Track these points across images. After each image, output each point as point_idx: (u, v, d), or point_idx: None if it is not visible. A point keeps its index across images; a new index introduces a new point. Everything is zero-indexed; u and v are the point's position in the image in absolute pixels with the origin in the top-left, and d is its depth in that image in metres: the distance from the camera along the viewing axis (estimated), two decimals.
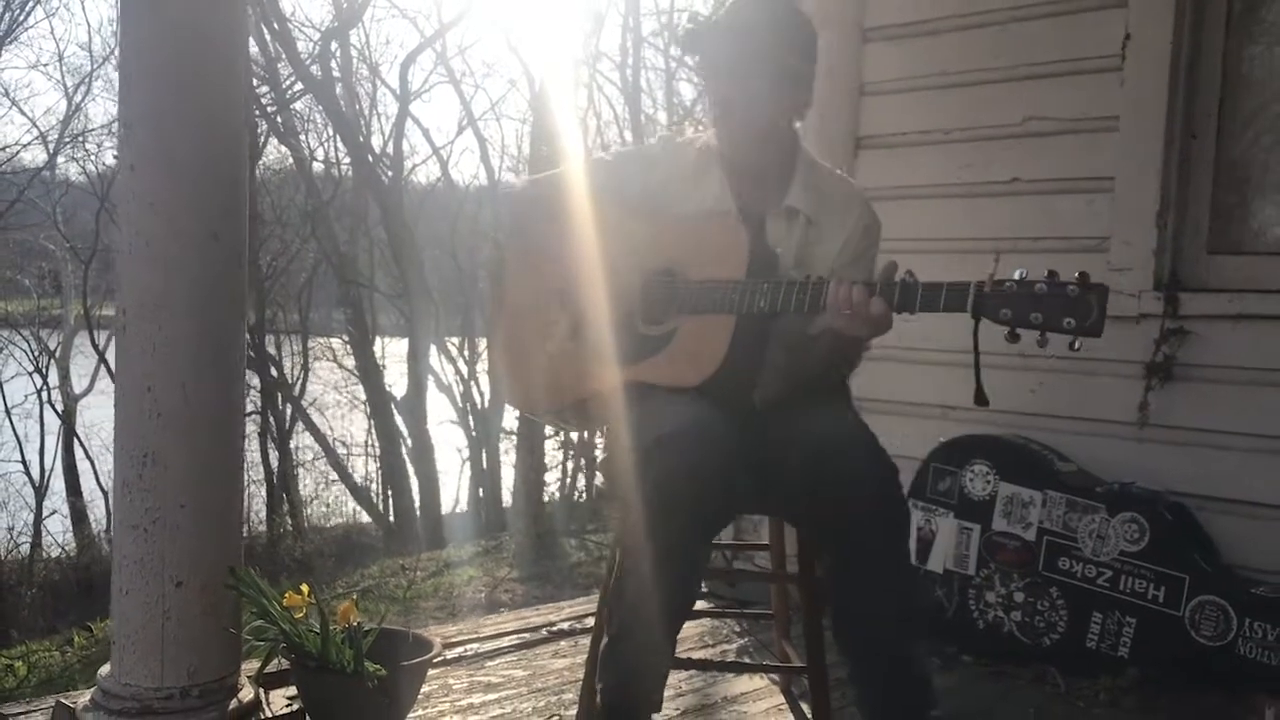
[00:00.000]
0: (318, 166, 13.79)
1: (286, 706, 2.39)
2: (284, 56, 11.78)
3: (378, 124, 13.76)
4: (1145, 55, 2.97)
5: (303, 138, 13.55)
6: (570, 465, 12.40)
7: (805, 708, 2.64)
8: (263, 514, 13.54)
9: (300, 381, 14.52)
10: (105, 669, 2.31)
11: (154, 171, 2.19)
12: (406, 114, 13.17)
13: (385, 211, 12.27)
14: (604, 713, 2.07)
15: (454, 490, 14.63)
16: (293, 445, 14.21)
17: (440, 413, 14.09)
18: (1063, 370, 3.07)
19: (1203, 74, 2.99)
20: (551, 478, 11.54)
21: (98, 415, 14.83)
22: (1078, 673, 2.84)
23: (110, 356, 15.06)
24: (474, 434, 13.47)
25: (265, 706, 2.38)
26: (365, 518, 14.32)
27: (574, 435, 12.59)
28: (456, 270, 14.26)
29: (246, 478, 13.53)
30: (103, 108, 22.23)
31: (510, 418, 12.37)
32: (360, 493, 14.36)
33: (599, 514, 10.83)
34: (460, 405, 14.00)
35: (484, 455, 13.50)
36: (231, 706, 2.29)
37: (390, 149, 13.33)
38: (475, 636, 3.05)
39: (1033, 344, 1.77)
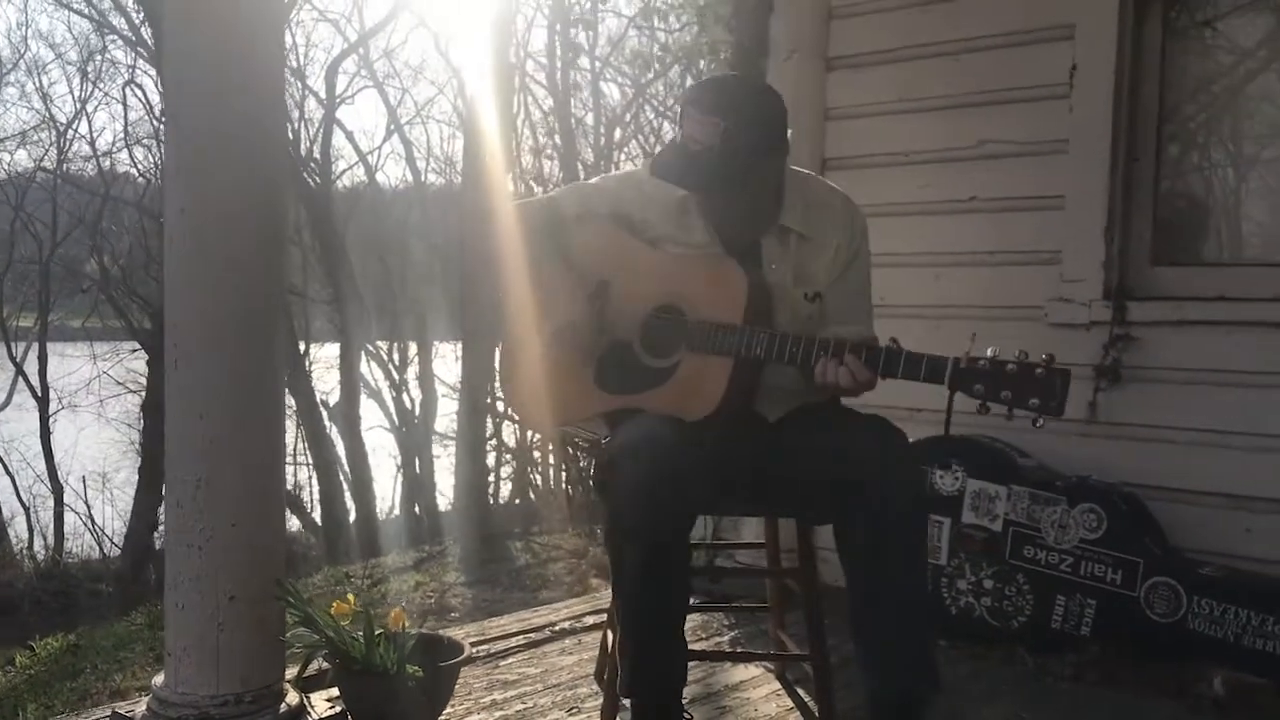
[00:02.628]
0: None
1: (330, 708, 2.53)
2: None
3: (305, 129, 13.69)
4: (1091, 84, 3.25)
5: None
6: (513, 468, 12.49)
7: (801, 691, 2.86)
8: None
9: None
10: (159, 679, 2.44)
11: (203, 212, 2.32)
12: (333, 119, 13.15)
13: (314, 217, 12.24)
14: (632, 707, 2.25)
15: (386, 497, 14.61)
16: None
17: (369, 419, 14.08)
18: None
19: (1142, 101, 3.28)
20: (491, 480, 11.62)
21: (16, 429, 14.53)
22: (1044, 651, 3.09)
23: (30, 368, 14.78)
24: (408, 440, 13.48)
25: (310, 709, 2.52)
26: (295, 525, 14.25)
27: (513, 439, 12.72)
28: (385, 274, 14.23)
29: None
30: (15, 115, 21.69)
31: (446, 422, 12.46)
32: (293, 501, 14.28)
33: (543, 516, 10.95)
34: (392, 411, 13.99)
35: (417, 461, 13.51)
36: (281, 710, 2.43)
37: (318, 154, 13.29)
38: (484, 638, 3.21)
39: (1001, 348, 1.98)
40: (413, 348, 13.88)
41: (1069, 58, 3.28)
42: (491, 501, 12.17)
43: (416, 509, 13.14)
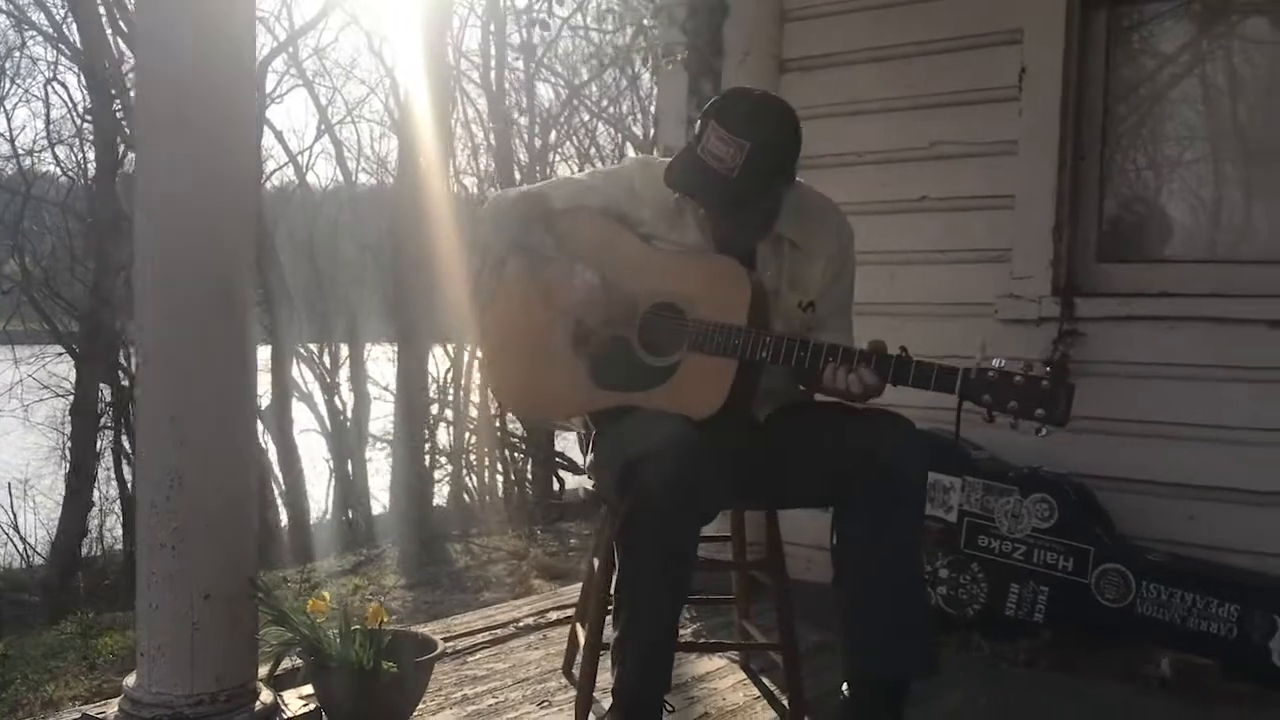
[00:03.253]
0: None
1: (304, 706, 2.53)
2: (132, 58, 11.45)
3: None
4: (1039, 87, 3.35)
5: None
6: (448, 471, 12.42)
7: (767, 681, 2.92)
8: (118, 532, 13.10)
9: None
10: (131, 679, 2.42)
11: (173, 213, 2.31)
12: (263, 119, 12.95)
13: None
14: (624, 696, 2.26)
15: (318, 501, 14.43)
16: None
17: (300, 422, 13.89)
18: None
19: (1088, 103, 3.39)
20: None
21: None
22: (999, 638, 3.19)
23: None
24: (340, 443, 13.33)
25: (283, 707, 2.52)
26: None
27: (449, 441, 12.67)
28: (315, 275, 14.06)
29: (98, 495, 13.13)
30: None
31: (381, 424, 12.35)
32: None
33: (480, 518, 10.92)
34: (324, 414, 13.83)
35: (350, 465, 13.37)
36: (256, 709, 2.42)
37: None
38: (449, 635, 3.22)
39: (949, 347, 2.04)
40: (344, 349, 13.72)
41: (1018, 61, 3.38)
42: (444, 503, 12.12)
43: (350, 513, 13.00)
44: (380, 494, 13.33)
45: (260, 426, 12.88)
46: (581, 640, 2.75)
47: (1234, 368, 3.11)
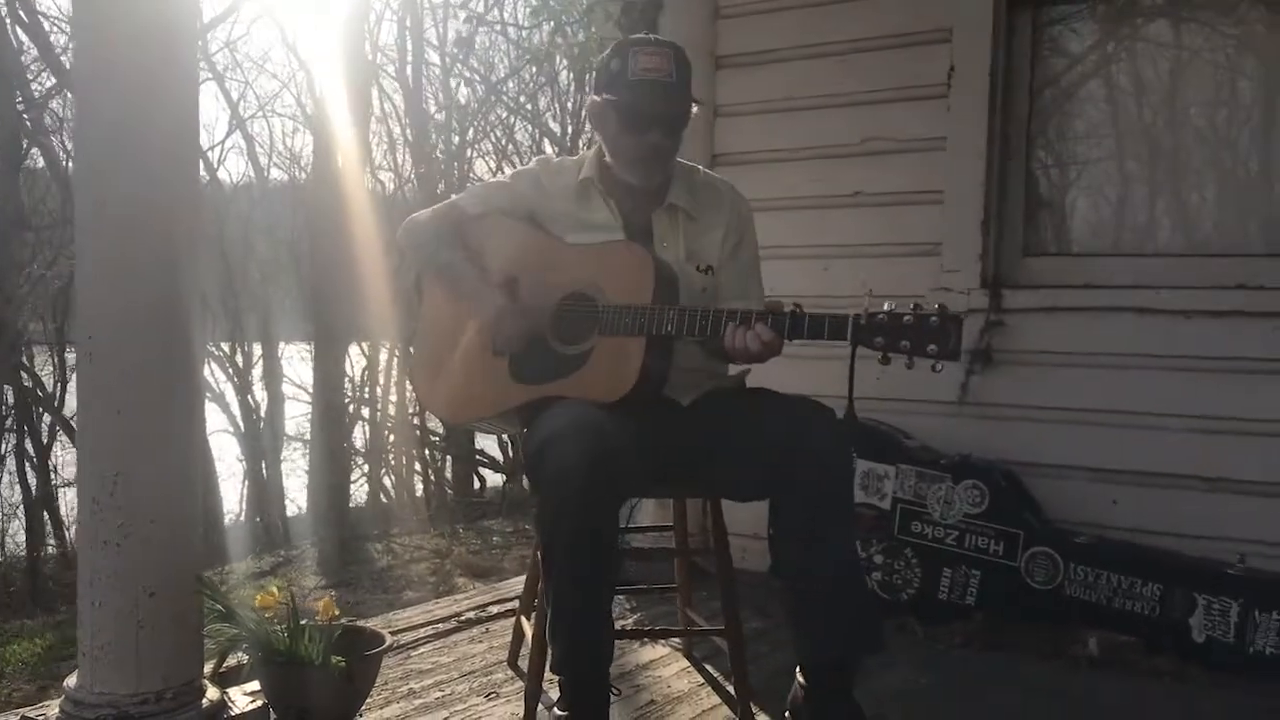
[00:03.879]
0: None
1: (251, 702, 2.50)
2: (35, 50, 11.11)
3: None
4: (968, 85, 3.45)
5: (56, 138, 12.76)
6: (364, 471, 12.28)
7: (709, 667, 2.96)
8: (20, 537, 12.70)
9: (58, 393, 13.68)
10: (71, 680, 2.37)
11: (117, 207, 2.26)
12: None
13: None
14: (564, 678, 2.30)
15: (230, 503, 14.15)
16: (52, 462, 13.37)
17: (211, 422, 13.59)
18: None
19: (1015, 101, 3.50)
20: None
21: None
22: (933, 621, 3.27)
23: None
24: (254, 443, 13.10)
25: (230, 704, 2.48)
26: None
27: (365, 441, 12.52)
28: (226, 273, 13.78)
29: None
30: None
31: (296, 425, 12.16)
32: None
33: (399, 517, 10.83)
34: (237, 414, 13.56)
35: (264, 465, 13.15)
36: (203, 706, 2.39)
37: None
38: (392, 629, 3.19)
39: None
40: (257, 348, 13.47)
41: (947, 59, 3.47)
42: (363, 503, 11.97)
43: (265, 515, 12.78)
44: (295, 495, 13.15)
45: None
46: (527, 631, 2.76)
47: (1153, 356, 3.24)
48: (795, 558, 2.29)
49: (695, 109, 2.40)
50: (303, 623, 2.42)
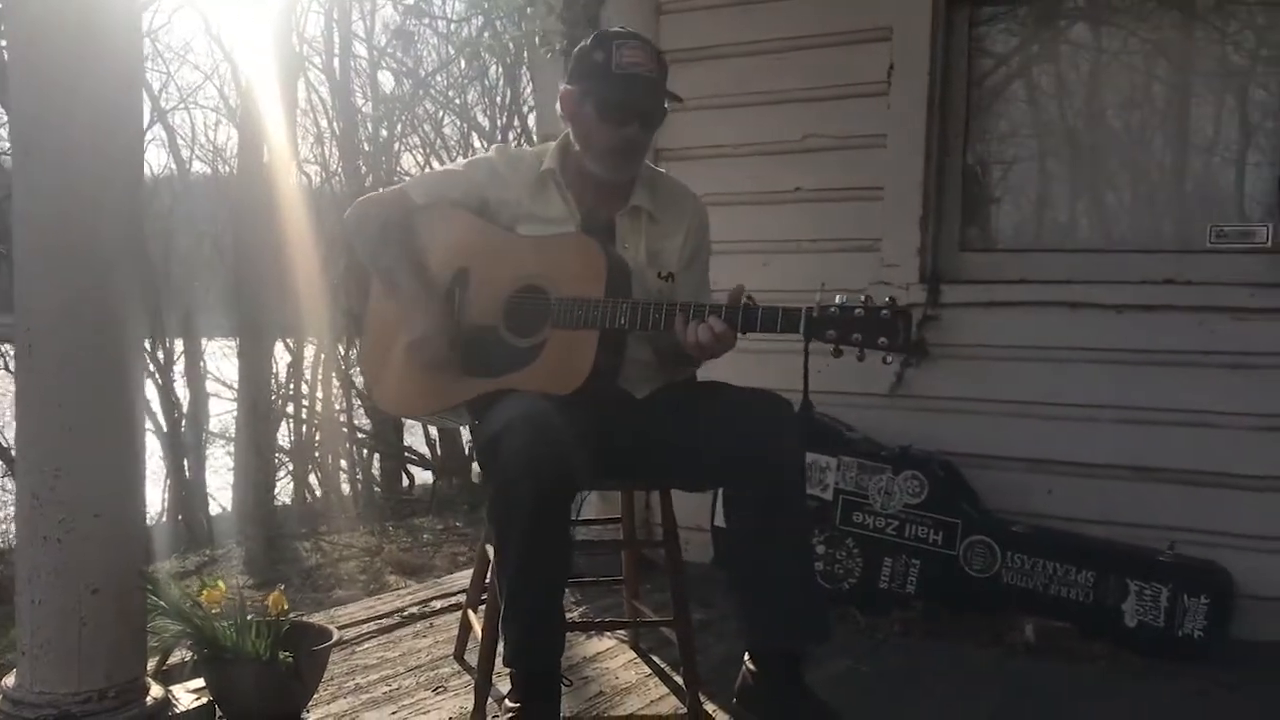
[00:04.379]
0: None
1: (195, 700, 2.46)
2: None
3: None
4: (906, 83, 3.51)
5: None
6: (290, 470, 12.08)
7: (656, 659, 2.98)
8: None
9: None
10: (10, 679, 2.31)
11: (58, 195, 2.21)
12: None
13: None
14: (516, 670, 2.30)
15: (151, 502, 13.85)
16: None
17: None
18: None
19: (952, 99, 3.57)
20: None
21: None
22: (874, 611, 3.32)
23: None
24: (176, 441, 12.81)
25: (174, 702, 2.44)
26: None
27: (290, 438, 12.31)
28: (147, 268, 13.46)
29: None
30: None
31: (220, 422, 11.91)
32: None
33: (327, 516, 10.68)
34: (158, 412, 13.25)
35: (187, 464, 12.87)
36: (147, 704, 2.34)
37: None
38: (334, 624, 3.16)
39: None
40: (179, 344, 13.18)
41: (887, 58, 3.53)
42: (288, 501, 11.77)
43: (188, 514, 12.52)
44: (218, 494, 12.90)
45: None
46: (475, 625, 2.76)
47: (1086, 350, 3.33)
48: (749, 547, 2.31)
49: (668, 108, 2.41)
50: (249, 618, 2.39)
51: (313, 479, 12.05)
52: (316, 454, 11.61)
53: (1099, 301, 3.30)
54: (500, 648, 2.33)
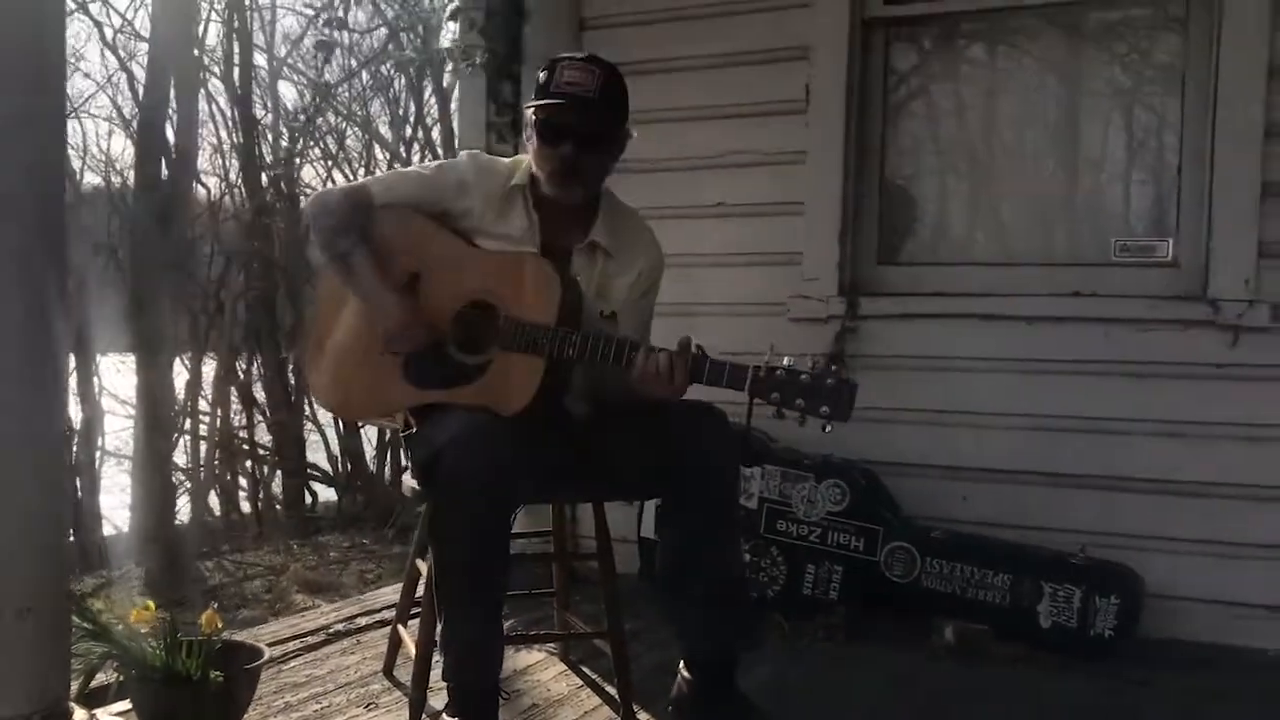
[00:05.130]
0: None
1: None
2: None
3: None
4: (825, 101, 3.60)
5: None
6: (188, 488, 11.77)
7: (586, 670, 3.00)
8: None
9: None
10: None
11: None
12: None
13: None
14: (455, 687, 2.29)
15: None
16: None
17: None
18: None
19: (868, 117, 3.67)
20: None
21: None
22: (798, 616, 3.38)
23: None
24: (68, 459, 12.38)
25: None
26: None
27: (189, 457, 12.00)
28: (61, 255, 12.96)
29: None
30: None
31: (120, 439, 11.53)
32: None
33: (229, 534, 10.45)
34: None
35: (79, 482, 12.44)
36: None
37: None
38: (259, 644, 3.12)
39: (741, 344, 2.16)
40: (71, 359, 12.76)
41: (806, 77, 3.62)
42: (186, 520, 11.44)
43: (78, 535, 12.10)
44: (112, 514, 12.50)
45: None
46: (407, 640, 2.74)
47: (999, 360, 3.45)
48: (684, 555, 2.34)
49: (626, 136, 2.46)
50: (180, 638, 2.35)
51: (213, 497, 11.76)
52: (217, 472, 11.33)
53: (1010, 313, 3.42)
54: (438, 663, 2.32)
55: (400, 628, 2.87)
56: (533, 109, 2.36)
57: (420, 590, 2.95)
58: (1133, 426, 3.30)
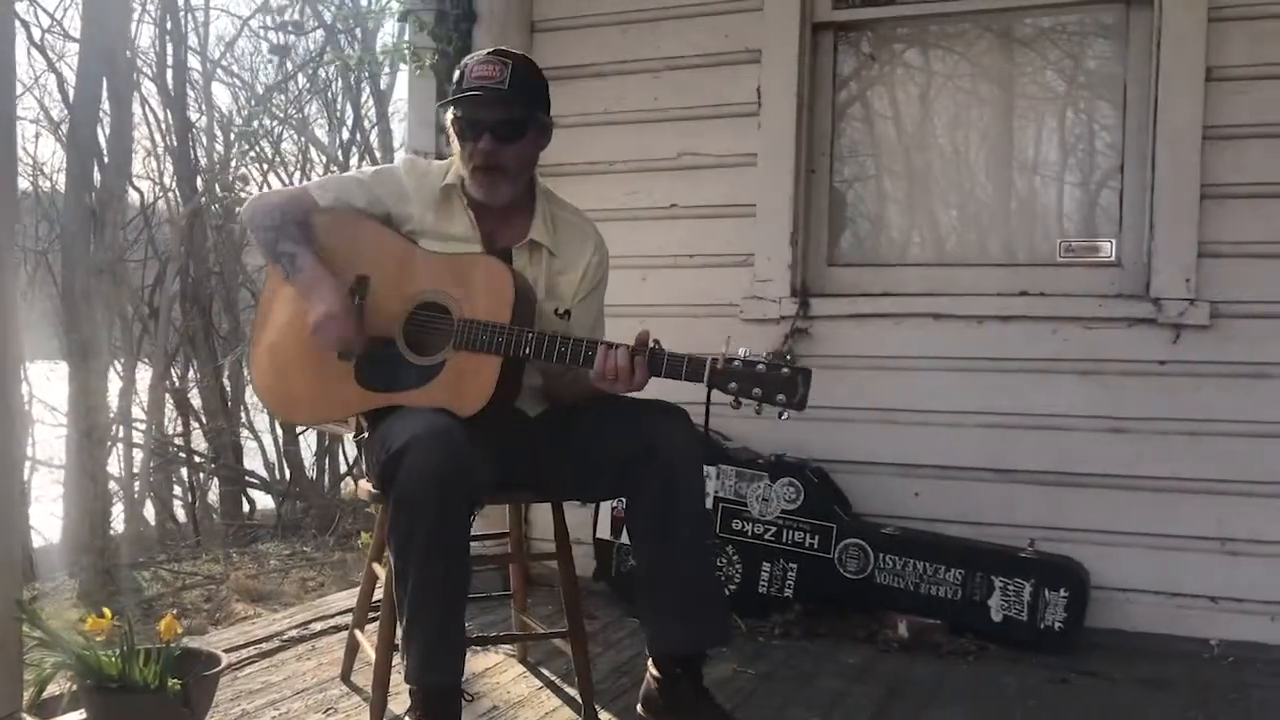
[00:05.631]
0: None
1: None
2: None
3: None
4: (776, 104, 3.64)
5: None
6: (128, 494, 11.54)
7: (546, 671, 2.99)
8: None
9: None
10: None
11: None
12: None
13: None
14: (417, 688, 2.27)
15: None
16: None
17: None
18: None
19: (818, 120, 3.72)
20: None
21: None
22: (754, 615, 3.41)
23: None
24: None
25: None
26: None
27: (123, 465, 11.77)
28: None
29: None
30: None
31: (51, 448, 11.27)
32: None
33: (165, 544, 10.27)
34: None
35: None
36: None
37: None
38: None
39: (694, 344, 2.18)
40: None
41: (757, 79, 3.65)
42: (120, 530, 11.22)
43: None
44: (41, 525, 12.22)
45: None
46: (365, 644, 2.73)
47: (948, 359, 3.50)
48: (652, 554, 2.36)
49: (547, 124, 2.44)
50: (138, 646, 2.31)
51: (148, 506, 11.54)
52: (152, 479, 11.12)
53: (960, 313, 3.48)
54: (400, 665, 2.31)
55: (358, 632, 2.85)
56: (450, 111, 2.38)
57: (378, 594, 2.94)
58: (1079, 423, 3.37)
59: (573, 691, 2.81)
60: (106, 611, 2.36)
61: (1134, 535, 3.32)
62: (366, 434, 2.49)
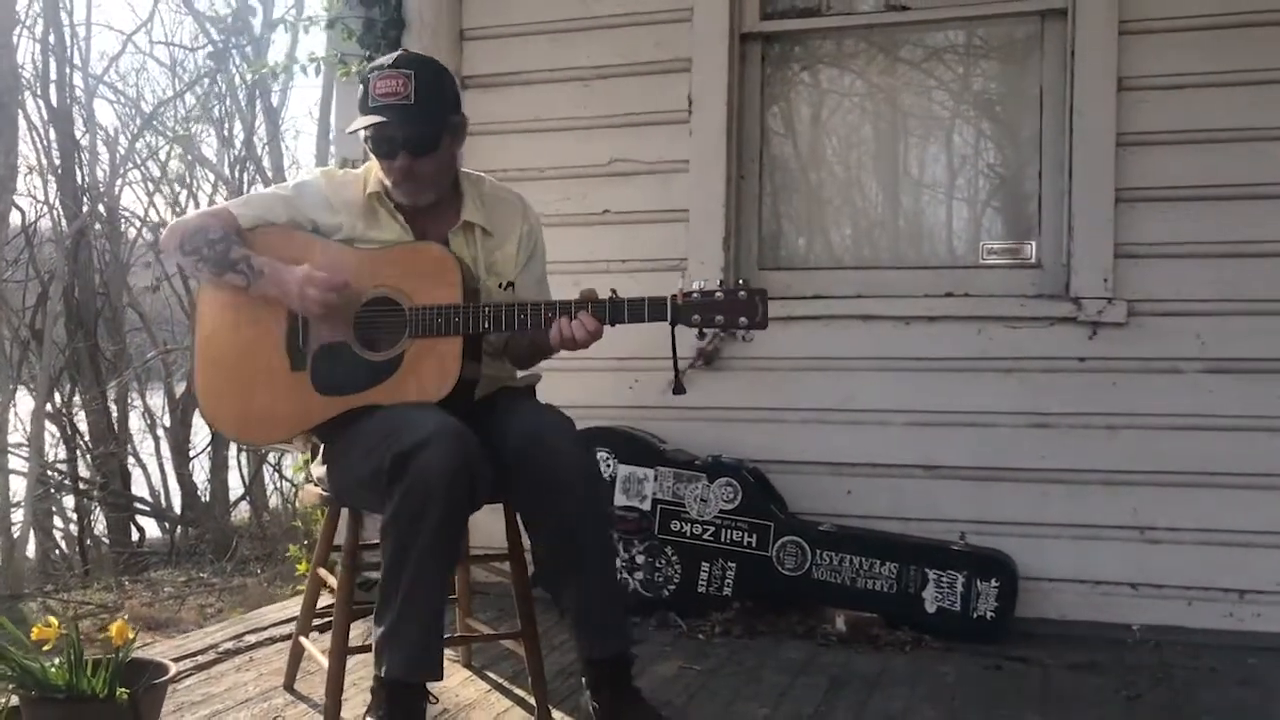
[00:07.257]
0: None
1: None
2: None
3: None
4: (706, 111, 3.70)
5: None
6: (7, 524, 11.06)
7: (492, 674, 2.99)
8: None
9: None
10: None
11: None
12: None
13: None
14: (393, 690, 2.25)
15: None
16: None
17: None
18: (652, 369, 3.62)
19: (747, 127, 3.79)
20: None
21: None
22: (694, 614, 3.45)
23: None
24: None
25: None
26: None
27: (3, 494, 11.29)
28: None
29: None
30: None
31: None
32: None
33: (54, 573, 9.87)
34: None
35: None
36: None
37: None
38: None
39: (628, 349, 2.21)
40: None
41: (688, 87, 3.71)
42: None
43: None
44: None
45: None
46: (314, 652, 2.68)
47: (875, 359, 3.60)
48: (553, 563, 2.40)
49: (460, 122, 2.46)
50: (86, 656, 2.25)
51: (31, 535, 11.08)
52: (35, 507, 10.68)
53: (888, 314, 3.58)
54: (357, 668, 2.29)
55: (303, 639, 2.81)
56: (359, 123, 2.37)
57: (322, 601, 2.90)
58: (1004, 419, 3.49)
59: (522, 693, 2.81)
60: (52, 620, 2.29)
61: (1057, 526, 3.45)
62: (321, 443, 2.50)
